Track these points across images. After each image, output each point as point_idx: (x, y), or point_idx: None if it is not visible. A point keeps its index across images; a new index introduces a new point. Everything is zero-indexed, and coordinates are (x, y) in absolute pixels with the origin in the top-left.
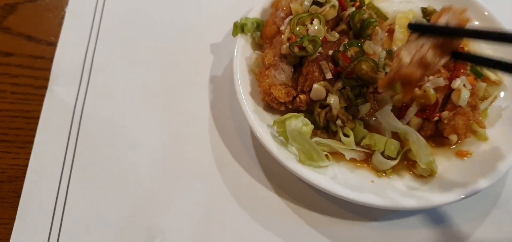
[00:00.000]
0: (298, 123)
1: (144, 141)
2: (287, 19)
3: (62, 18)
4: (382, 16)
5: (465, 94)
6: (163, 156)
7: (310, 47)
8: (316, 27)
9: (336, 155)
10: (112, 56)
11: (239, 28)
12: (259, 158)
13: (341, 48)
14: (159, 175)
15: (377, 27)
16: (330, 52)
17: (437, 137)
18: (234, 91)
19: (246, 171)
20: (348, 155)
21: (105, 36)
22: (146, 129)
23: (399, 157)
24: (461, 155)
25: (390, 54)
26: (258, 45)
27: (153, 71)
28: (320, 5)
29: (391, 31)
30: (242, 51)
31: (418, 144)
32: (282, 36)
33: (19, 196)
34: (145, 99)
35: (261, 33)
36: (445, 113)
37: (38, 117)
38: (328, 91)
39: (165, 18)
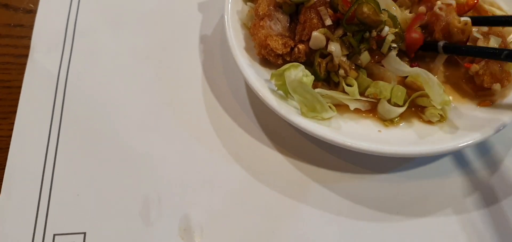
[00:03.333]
0: (298, 72)
1: (134, 105)
2: None
3: None
4: None
5: (494, 41)
6: (155, 120)
7: None
8: None
9: (340, 107)
10: (96, 20)
11: None
12: (257, 116)
13: None
14: (153, 140)
15: None
16: None
17: (480, 92)
18: (226, 49)
19: (245, 130)
20: (352, 105)
21: None
22: (136, 93)
23: (407, 103)
24: (485, 104)
25: None
26: None
27: (140, 34)
28: None
29: None
30: (233, 4)
31: (430, 83)
32: None
33: (4, 168)
34: (133, 63)
35: None
36: (475, 67)
37: (19, 87)
38: (328, 39)
39: None
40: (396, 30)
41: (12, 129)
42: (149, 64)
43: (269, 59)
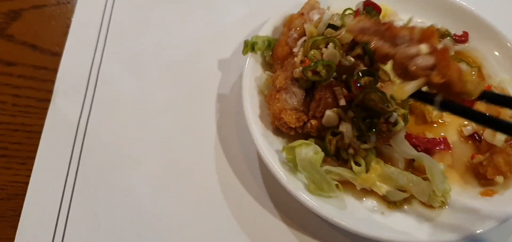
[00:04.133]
0: (309, 151)
1: (149, 161)
2: (301, 41)
3: (68, 27)
4: None
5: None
6: (166, 177)
7: (324, 72)
8: (331, 52)
9: (346, 184)
10: (119, 70)
11: (250, 46)
12: (266, 183)
13: (355, 75)
14: (162, 198)
15: None
16: (344, 77)
17: (482, 181)
18: (241, 112)
19: (253, 197)
20: (359, 185)
21: (111, 48)
22: (152, 148)
23: None
24: (486, 194)
25: None
26: (268, 65)
27: (160, 87)
28: (336, 28)
29: None
30: (252, 70)
31: (434, 171)
32: (295, 58)
33: (19, 215)
34: (151, 116)
35: (272, 52)
36: (479, 157)
37: (40, 132)
38: (340, 119)
39: (173, 33)
40: (404, 111)
41: (29, 175)
42: (166, 118)
43: (281, 130)
